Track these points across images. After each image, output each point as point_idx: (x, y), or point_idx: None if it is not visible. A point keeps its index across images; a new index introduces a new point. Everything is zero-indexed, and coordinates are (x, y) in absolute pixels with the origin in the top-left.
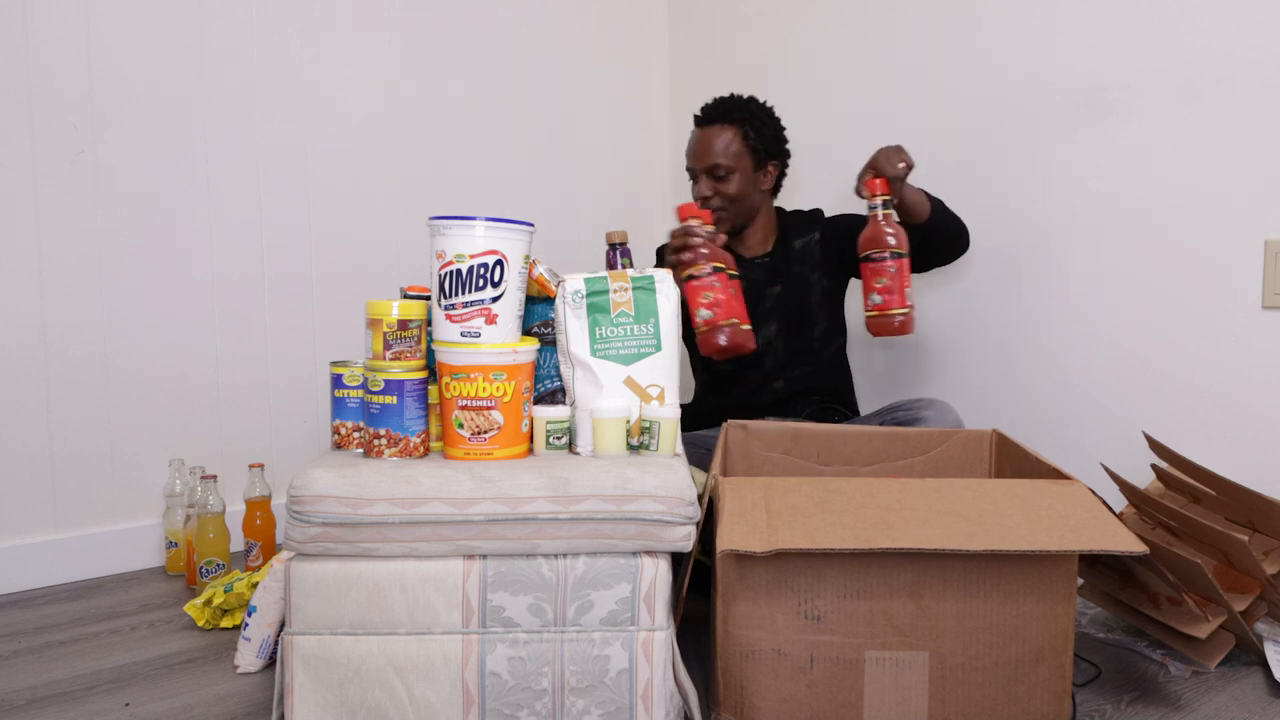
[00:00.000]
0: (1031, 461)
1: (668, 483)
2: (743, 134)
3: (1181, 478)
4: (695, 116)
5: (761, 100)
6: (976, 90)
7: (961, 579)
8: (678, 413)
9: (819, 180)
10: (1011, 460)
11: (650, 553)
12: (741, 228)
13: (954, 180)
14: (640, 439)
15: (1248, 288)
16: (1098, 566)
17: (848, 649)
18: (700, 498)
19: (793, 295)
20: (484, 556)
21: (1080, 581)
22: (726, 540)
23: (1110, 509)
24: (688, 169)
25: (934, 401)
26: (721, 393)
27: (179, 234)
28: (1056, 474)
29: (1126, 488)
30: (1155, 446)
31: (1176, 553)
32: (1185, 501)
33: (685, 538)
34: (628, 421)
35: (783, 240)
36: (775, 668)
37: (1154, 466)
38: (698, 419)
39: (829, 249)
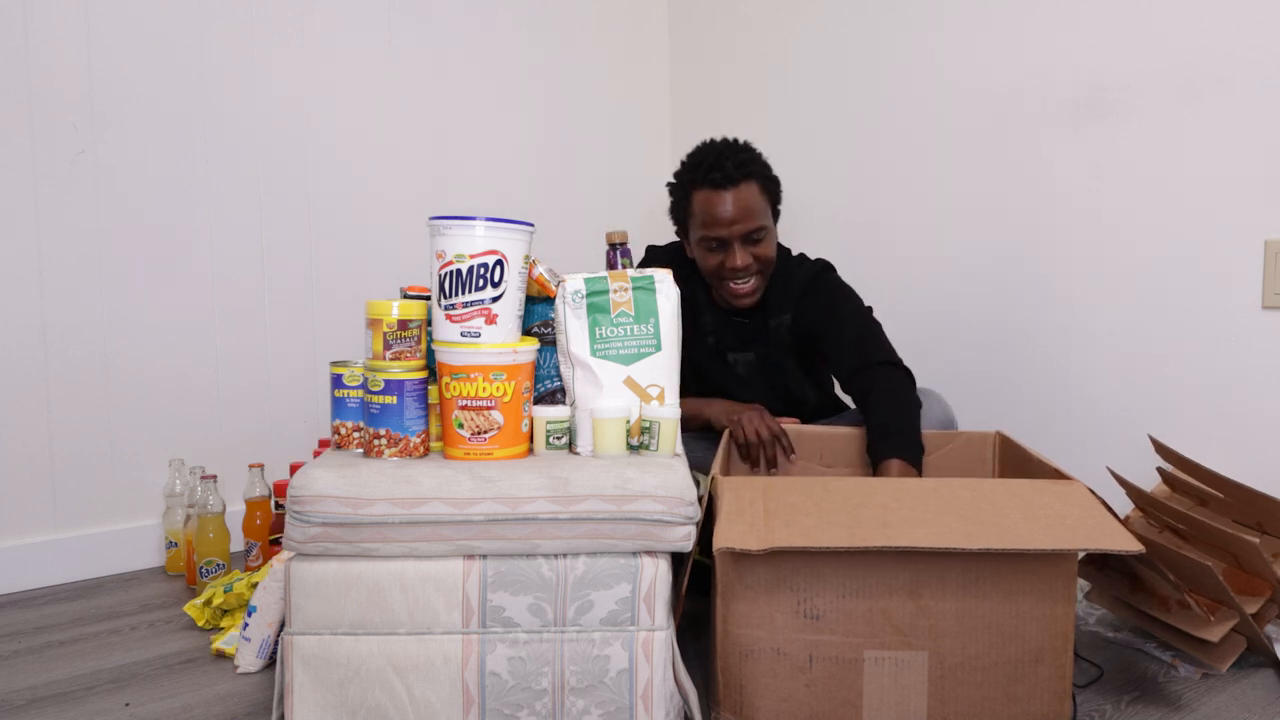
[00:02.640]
0: (1034, 463)
1: (668, 483)
2: (763, 188)
3: (1187, 480)
4: (711, 175)
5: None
6: (977, 89)
7: (960, 579)
8: (678, 413)
9: (819, 179)
10: (1014, 462)
11: (650, 553)
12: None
13: (953, 180)
14: (640, 439)
15: (1248, 288)
16: (1106, 570)
17: (847, 648)
18: (700, 499)
19: (772, 376)
20: (484, 556)
21: (1089, 586)
22: (723, 538)
23: (1110, 508)
24: (710, 238)
25: (926, 391)
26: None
27: (179, 234)
28: (1058, 475)
29: (1132, 491)
30: (1160, 449)
31: (1187, 555)
32: (1192, 504)
33: (685, 538)
34: (628, 421)
35: (763, 304)
36: (774, 667)
37: (1160, 470)
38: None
39: (798, 339)
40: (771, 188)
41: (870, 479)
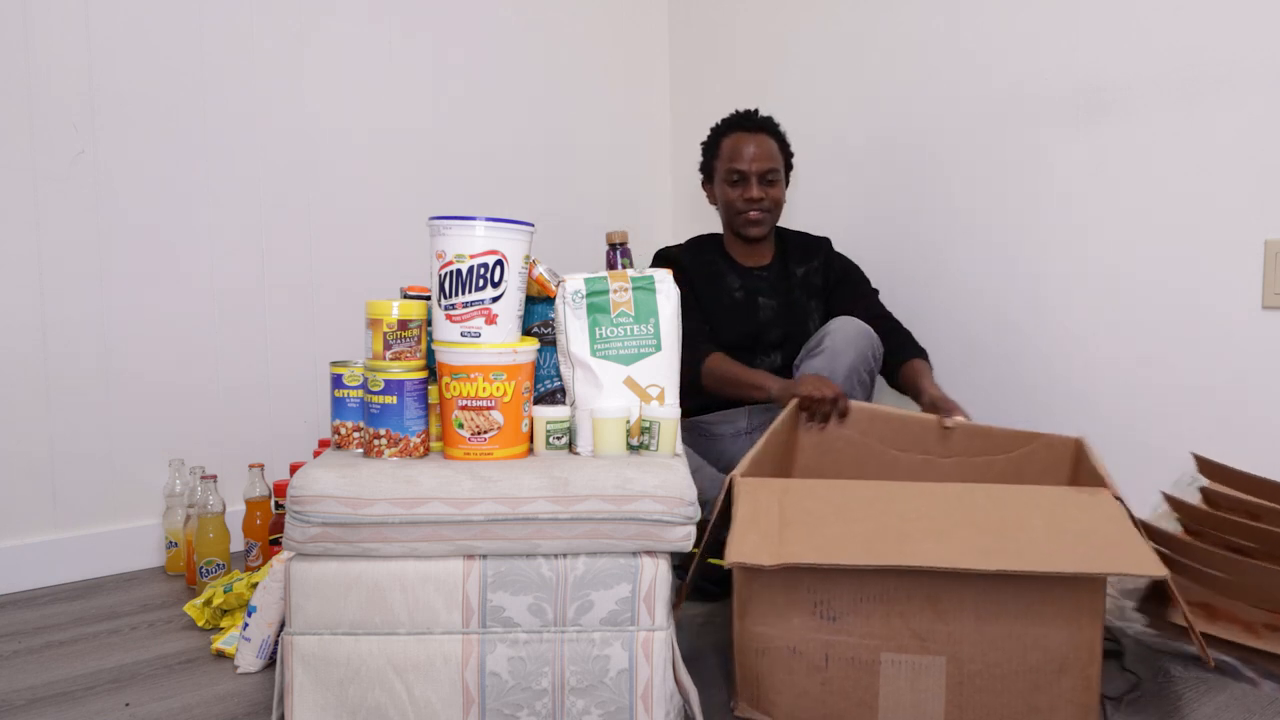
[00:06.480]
0: (1098, 479)
1: (668, 483)
2: (779, 146)
3: (1233, 494)
4: (741, 122)
5: None
6: (976, 92)
7: (978, 595)
8: (678, 413)
9: (816, 180)
10: (1085, 471)
11: (650, 553)
12: (768, 235)
13: (954, 182)
14: (640, 439)
15: (1248, 288)
16: (1171, 605)
17: (863, 650)
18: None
19: (792, 318)
20: (484, 556)
21: (1141, 592)
22: (736, 552)
23: (1136, 522)
24: (734, 170)
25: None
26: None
27: (179, 234)
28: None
29: (1185, 510)
30: (1205, 466)
31: (1260, 565)
32: (1242, 519)
33: (685, 538)
34: (628, 421)
35: (781, 258)
36: (790, 664)
37: (1202, 489)
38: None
39: (827, 284)
40: (786, 150)
41: (889, 483)
